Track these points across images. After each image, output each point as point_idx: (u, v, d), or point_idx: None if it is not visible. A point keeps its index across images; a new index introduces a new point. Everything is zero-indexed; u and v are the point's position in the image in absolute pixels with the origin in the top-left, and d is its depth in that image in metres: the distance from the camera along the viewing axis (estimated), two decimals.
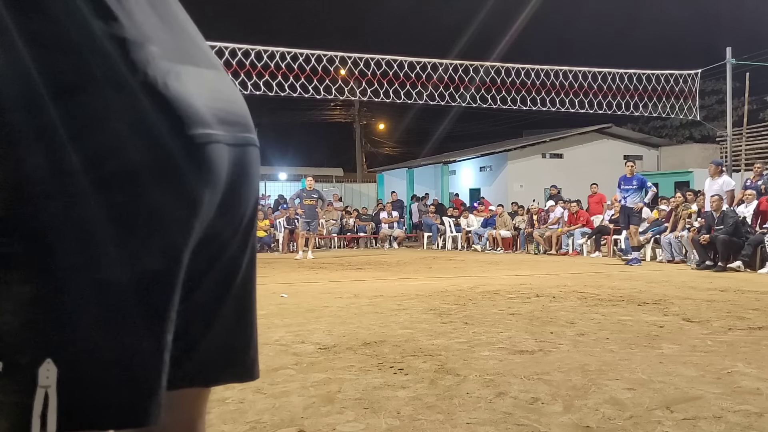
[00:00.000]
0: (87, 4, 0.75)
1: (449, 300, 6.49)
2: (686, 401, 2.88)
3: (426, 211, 19.30)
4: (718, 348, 4.04)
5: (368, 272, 10.24)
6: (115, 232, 0.76)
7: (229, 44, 11.09)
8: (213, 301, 0.94)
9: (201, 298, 0.91)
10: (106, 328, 0.76)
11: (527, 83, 12.87)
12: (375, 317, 5.30)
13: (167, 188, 0.79)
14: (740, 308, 5.78)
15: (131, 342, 0.78)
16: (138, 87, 0.77)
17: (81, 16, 0.75)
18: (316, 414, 2.77)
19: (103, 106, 0.75)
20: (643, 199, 11.46)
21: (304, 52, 11.55)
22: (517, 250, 15.91)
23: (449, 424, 2.62)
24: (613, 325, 4.89)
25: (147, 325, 0.79)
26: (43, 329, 0.73)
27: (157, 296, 0.80)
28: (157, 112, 0.77)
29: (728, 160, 14.41)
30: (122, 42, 0.77)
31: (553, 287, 7.54)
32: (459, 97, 13.03)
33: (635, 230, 11.73)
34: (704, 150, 23.87)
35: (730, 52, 13.56)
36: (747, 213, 10.88)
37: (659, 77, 13.48)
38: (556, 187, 16.84)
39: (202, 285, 0.91)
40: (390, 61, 12.06)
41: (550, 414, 2.72)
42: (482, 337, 4.46)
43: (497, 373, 3.44)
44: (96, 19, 0.75)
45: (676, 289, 7.30)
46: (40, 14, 0.73)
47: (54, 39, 0.73)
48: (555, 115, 14.13)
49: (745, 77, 15.14)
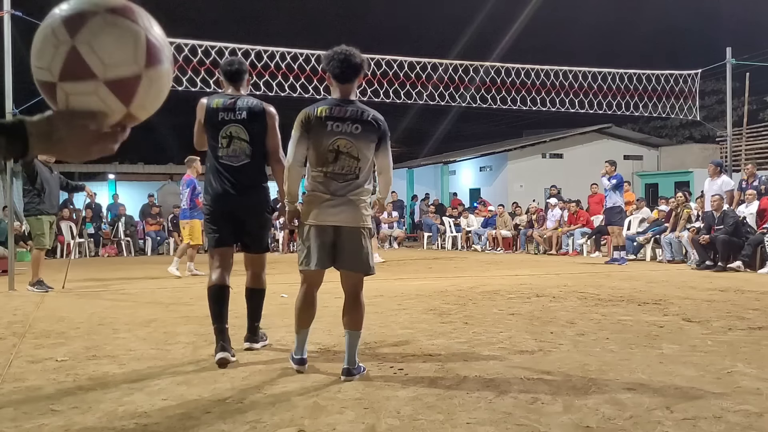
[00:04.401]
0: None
1: (449, 300, 6.49)
2: (686, 401, 2.88)
3: (426, 211, 19.29)
4: (718, 348, 4.04)
5: None
6: None
7: (229, 44, 11.08)
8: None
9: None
10: None
11: (527, 83, 12.85)
12: (375, 317, 5.29)
13: None
14: (740, 308, 5.78)
15: None
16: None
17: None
18: (316, 414, 2.77)
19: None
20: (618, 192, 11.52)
21: (304, 52, 11.54)
22: (517, 250, 15.91)
23: (449, 424, 2.62)
24: (613, 325, 4.89)
25: None
26: None
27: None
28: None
29: (728, 160, 14.39)
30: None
31: (553, 287, 7.54)
32: (459, 97, 13.02)
33: (618, 230, 11.80)
34: (704, 150, 23.86)
35: (730, 52, 13.54)
36: (748, 213, 10.88)
37: (659, 77, 13.47)
38: (556, 187, 16.84)
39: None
40: (390, 61, 12.05)
41: (550, 414, 2.72)
42: (482, 337, 4.46)
43: (497, 373, 3.44)
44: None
45: (676, 289, 7.30)
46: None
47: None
48: (555, 115, 14.12)
49: (745, 77, 15.12)
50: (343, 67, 3.39)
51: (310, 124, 3.38)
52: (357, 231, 3.40)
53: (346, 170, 3.37)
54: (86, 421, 2.74)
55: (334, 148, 3.36)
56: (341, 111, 3.38)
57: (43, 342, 4.53)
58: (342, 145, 3.35)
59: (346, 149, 3.36)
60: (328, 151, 3.36)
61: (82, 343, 4.45)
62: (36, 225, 7.93)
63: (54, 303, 6.75)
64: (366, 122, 3.40)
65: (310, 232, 3.41)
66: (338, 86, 3.45)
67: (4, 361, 3.91)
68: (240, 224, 3.99)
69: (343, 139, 3.36)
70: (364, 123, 3.39)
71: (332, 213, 3.36)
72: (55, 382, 3.39)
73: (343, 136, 3.36)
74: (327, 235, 3.39)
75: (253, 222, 4.03)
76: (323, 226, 3.38)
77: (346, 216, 3.36)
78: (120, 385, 3.31)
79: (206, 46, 10.87)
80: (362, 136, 3.38)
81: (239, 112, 3.94)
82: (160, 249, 17.23)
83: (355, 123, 3.37)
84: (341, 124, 3.36)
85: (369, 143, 3.42)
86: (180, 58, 10.56)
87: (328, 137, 3.36)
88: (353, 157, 3.37)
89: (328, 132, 3.35)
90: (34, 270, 7.95)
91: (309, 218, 3.41)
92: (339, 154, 3.36)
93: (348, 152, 3.36)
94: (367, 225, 3.45)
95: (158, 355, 4.07)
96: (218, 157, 3.95)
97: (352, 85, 3.46)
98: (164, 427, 2.66)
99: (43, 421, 2.74)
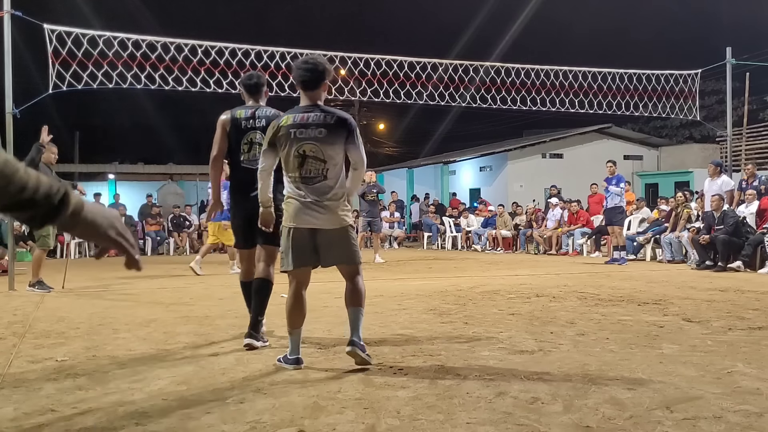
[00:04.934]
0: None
1: (449, 300, 6.49)
2: (686, 401, 2.88)
3: (426, 211, 19.29)
4: (718, 348, 4.04)
5: (368, 272, 10.21)
6: None
7: (229, 44, 11.07)
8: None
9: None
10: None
11: (527, 83, 12.83)
12: (375, 317, 5.29)
13: None
14: (740, 308, 5.78)
15: None
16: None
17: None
18: (316, 414, 2.77)
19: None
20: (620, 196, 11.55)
21: (304, 52, 11.53)
22: (517, 250, 15.91)
23: (449, 424, 2.62)
24: (613, 325, 4.89)
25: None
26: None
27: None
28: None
29: (728, 160, 14.38)
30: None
31: (553, 287, 7.54)
32: (459, 97, 13.00)
33: (619, 230, 11.81)
34: (704, 150, 23.87)
35: (730, 52, 13.53)
36: (748, 213, 10.87)
37: (659, 77, 13.46)
38: (556, 187, 16.84)
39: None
40: (390, 61, 12.03)
41: (550, 414, 2.72)
42: (482, 337, 4.46)
43: (497, 373, 3.44)
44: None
45: (676, 289, 7.30)
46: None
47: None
48: (555, 115, 14.10)
49: (745, 77, 15.11)
50: (306, 75, 3.61)
51: (278, 135, 3.60)
52: (333, 233, 3.60)
53: (314, 173, 3.56)
54: (86, 421, 2.75)
55: (299, 153, 3.56)
56: (304, 118, 3.59)
57: (43, 342, 4.53)
58: (308, 150, 3.55)
59: (312, 153, 3.56)
60: (294, 157, 3.57)
61: (82, 343, 4.45)
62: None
63: (54, 303, 6.75)
64: (329, 125, 3.58)
65: (290, 234, 3.60)
66: (304, 93, 3.67)
67: (4, 361, 3.91)
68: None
69: (308, 143, 3.54)
70: (328, 126, 3.58)
71: (311, 216, 3.56)
72: (55, 382, 3.39)
73: (308, 141, 3.55)
74: (306, 237, 3.58)
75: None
76: (302, 229, 3.57)
77: (325, 220, 3.57)
78: (120, 385, 3.31)
79: (206, 46, 10.86)
80: (327, 139, 3.57)
81: (258, 121, 4.34)
82: (160, 249, 17.23)
83: (319, 127, 3.57)
84: (305, 130, 3.57)
85: (335, 145, 3.59)
86: (180, 58, 10.56)
87: (293, 144, 3.56)
88: (319, 160, 3.56)
89: (293, 139, 3.56)
90: (35, 270, 7.95)
91: (288, 221, 3.61)
92: (305, 158, 3.56)
93: (314, 156, 3.56)
94: (347, 223, 3.64)
95: (158, 355, 4.07)
96: (240, 162, 4.34)
97: (317, 91, 3.65)
98: (164, 427, 2.66)
99: (43, 421, 2.75)
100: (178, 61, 10.56)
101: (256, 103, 4.49)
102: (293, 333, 3.66)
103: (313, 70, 3.61)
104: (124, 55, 10.29)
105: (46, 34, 9.30)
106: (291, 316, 3.66)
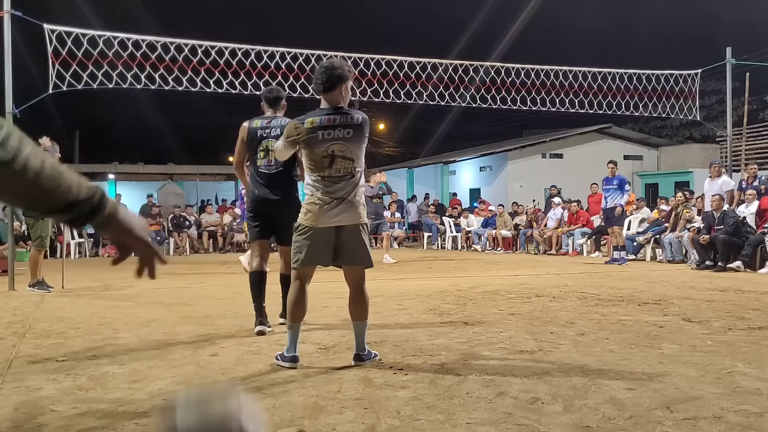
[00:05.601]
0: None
1: (449, 300, 6.49)
2: (686, 401, 2.88)
3: (426, 211, 19.29)
4: (718, 348, 4.04)
5: (368, 272, 10.21)
6: None
7: (229, 44, 11.07)
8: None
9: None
10: None
11: (527, 83, 12.82)
12: (375, 317, 5.29)
13: None
14: (740, 308, 5.78)
15: None
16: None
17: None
18: (316, 414, 2.77)
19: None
20: (620, 201, 11.59)
21: (304, 52, 11.53)
22: (517, 250, 15.90)
23: (449, 424, 2.62)
24: (613, 325, 4.89)
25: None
26: None
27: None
28: None
29: (728, 160, 14.38)
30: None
31: (553, 287, 7.54)
32: (459, 97, 12.99)
33: (618, 230, 11.81)
34: (704, 150, 23.88)
35: (730, 52, 13.53)
36: (748, 213, 10.87)
37: (659, 77, 13.45)
38: (556, 187, 16.84)
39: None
40: (390, 61, 12.02)
41: (550, 414, 2.72)
42: (482, 337, 4.46)
43: (497, 373, 3.44)
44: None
45: (676, 289, 7.30)
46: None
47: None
48: (555, 115, 14.09)
49: (745, 77, 15.10)
50: (323, 79, 3.68)
51: (302, 135, 3.66)
52: (357, 228, 3.68)
53: (343, 172, 3.64)
54: (86, 421, 2.74)
55: (329, 153, 3.62)
56: (330, 119, 3.65)
57: (43, 342, 4.53)
58: (336, 150, 3.61)
59: (341, 153, 3.63)
60: (322, 157, 3.62)
61: (82, 343, 4.45)
62: (42, 226, 7.95)
63: (54, 303, 6.75)
64: (355, 125, 3.67)
65: (310, 233, 3.66)
66: (323, 96, 3.71)
67: (4, 361, 3.91)
68: (275, 220, 4.77)
69: (336, 143, 3.61)
70: (354, 126, 3.66)
71: (333, 214, 3.62)
72: (55, 382, 3.39)
73: (336, 141, 3.62)
74: (328, 236, 3.65)
75: (286, 218, 4.47)
76: (326, 228, 3.63)
77: (346, 216, 3.63)
78: (120, 385, 3.31)
79: (206, 46, 10.86)
80: (354, 138, 3.66)
81: (273, 130, 4.77)
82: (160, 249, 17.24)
83: (347, 128, 3.65)
84: (332, 131, 3.64)
85: (360, 144, 3.71)
86: (180, 58, 10.56)
87: (321, 145, 3.62)
88: (348, 159, 3.64)
89: (320, 140, 3.62)
90: (33, 271, 7.95)
91: (310, 222, 3.66)
92: (335, 158, 3.63)
93: (343, 155, 3.63)
94: (364, 221, 3.74)
95: (158, 355, 4.07)
96: (257, 167, 4.82)
97: (334, 93, 3.67)
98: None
99: (43, 421, 2.74)
100: (178, 61, 10.56)
101: (274, 114, 4.95)
102: (293, 327, 3.71)
103: (327, 73, 3.67)
104: (124, 55, 10.29)
105: (46, 34, 9.29)
106: (293, 310, 3.72)
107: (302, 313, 3.75)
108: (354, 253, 3.69)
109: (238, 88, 11.23)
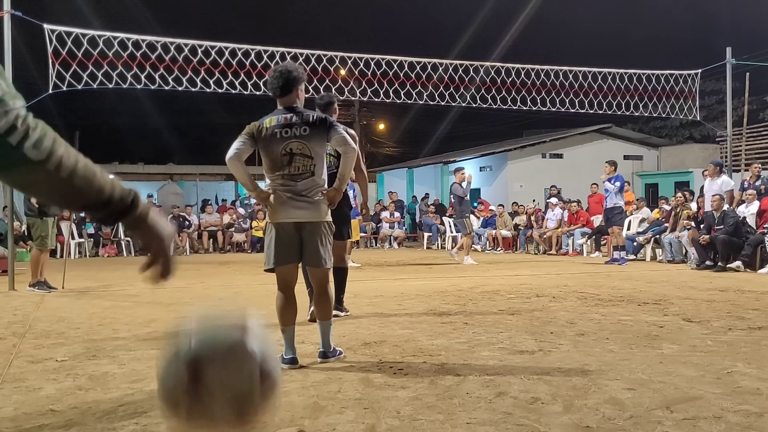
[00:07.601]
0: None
1: (449, 300, 6.49)
2: (686, 401, 2.88)
3: (426, 211, 19.28)
4: (718, 348, 4.04)
5: (368, 272, 10.23)
6: None
7: (229, 44, 11.07)
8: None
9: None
10: None
11: (527, 83, 12.82)
12: (375, 317, 5.30)
13: None
14: (740, 308, 5.78)
15: None
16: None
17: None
18: (316, 414, 2.77)
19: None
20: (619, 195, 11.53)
21: (304, 52, 11.54)
22: (517, 250, 15.90)
23: (449, 424, 2.62)
24: (613, 325, 4.89)
25: None
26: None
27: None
28: None
29: (728, 160, 14.38)
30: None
31: (553, 287, 7.54)
32: (459, 97, 13.00)
33: (618, 230, 11.81)
34: (704, 150, 23.85)
35: (730, 52, 13.53)
36: (748, 213, 10.87)
37: (659, 77, 13.46)
38: (556, 187, 16.83)
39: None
40: (390, 61, 12.03)
41: (550, 414, 2.72)
42: (482, 337, 4.46)
43: (497, 373, 3.44)
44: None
45: (676, 289, 7.30)
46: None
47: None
48: (555, 115, 14.10)
49: (745, 77, 15.09)
50: (280, 83, 3.74)
51: (260, 135, 3.69)
52: (318, 226, 3.71)
53: (302, 170, 3.67)
54: (86, 421, 2.75)
55: (287, 151, 3.67)
56: (287, 119, 3.71)
57: (43, 342, 4.53)
58: (294, 147, 3.66)
59: (299, 150, 3.67)
60: (281, 156, 3.66)
61: (82, 343, 4.45)
62: (42, 226, 7.94)
63: (54, 303, 6.75)
64: (312, 123, 3.70)
65: (273, 231, 3.71)
66: (279, 100, 3.78)
67: (4, 361, 3.91)
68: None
69: (294, 141, 3.65)
70: (310, 124, 3.70)
71: (295, 210, 3.67)
72: (55, 382, 3.39)
73: (293, 140, 3.66)
74: (290, 233, 3.68)
75: (335, 212, 4.38)
76: (287, 224, 3.68)
77: (306, 213, 3.67)
78: (120, 385, 3.31)
79: (206, 46, 10.86)
80: (311, 136, 3.68)
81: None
82: None
83: (303, 125, 3.68)
84: (290, 129, 3.68)
85: (320, 142, 3.72)
86: (180, 58, 10.56)
87: (279, 143, 3.66)
88: (306, 156, 3.67)
89: (279, 139, 3.67)
90: (34, 271, 7.95)
91: (270, 218, 3.73)
92: (293, 156, 3.67)
93: (301, 153, 3.67)
94: (327, 219, 3.76)
95: (158, 355, 4.07)
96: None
97: (291, 96, 3.75)
98: (164, 427, 2.66)
99: (43, 421, 2.74)
100: (178, 61, 10.56)
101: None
102: (286, 331, 3.72)
103: (279, 78, 3.74)
104: (124, 55, 10.30)
105: (46, 34, 9.30)
106: (281, 314, 3.74)
107: (292, 315, 3.77)
108: (314, 253, 3.70)
109: (238, 88, 11.24)
